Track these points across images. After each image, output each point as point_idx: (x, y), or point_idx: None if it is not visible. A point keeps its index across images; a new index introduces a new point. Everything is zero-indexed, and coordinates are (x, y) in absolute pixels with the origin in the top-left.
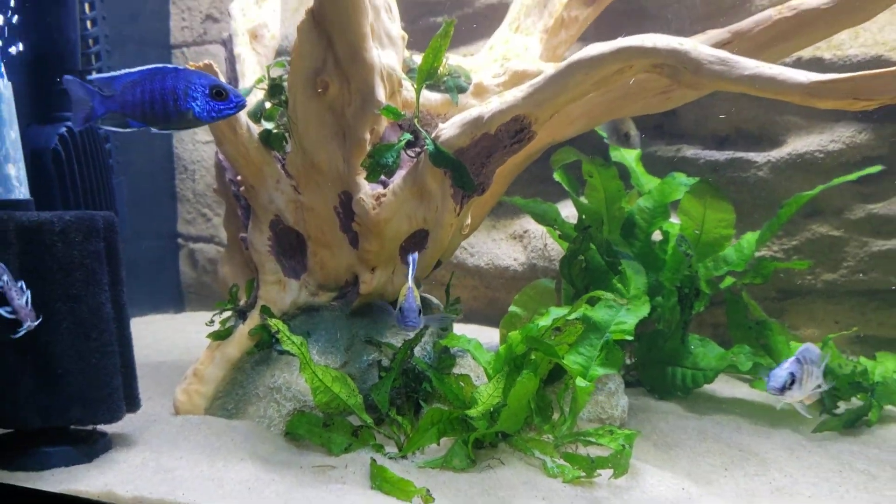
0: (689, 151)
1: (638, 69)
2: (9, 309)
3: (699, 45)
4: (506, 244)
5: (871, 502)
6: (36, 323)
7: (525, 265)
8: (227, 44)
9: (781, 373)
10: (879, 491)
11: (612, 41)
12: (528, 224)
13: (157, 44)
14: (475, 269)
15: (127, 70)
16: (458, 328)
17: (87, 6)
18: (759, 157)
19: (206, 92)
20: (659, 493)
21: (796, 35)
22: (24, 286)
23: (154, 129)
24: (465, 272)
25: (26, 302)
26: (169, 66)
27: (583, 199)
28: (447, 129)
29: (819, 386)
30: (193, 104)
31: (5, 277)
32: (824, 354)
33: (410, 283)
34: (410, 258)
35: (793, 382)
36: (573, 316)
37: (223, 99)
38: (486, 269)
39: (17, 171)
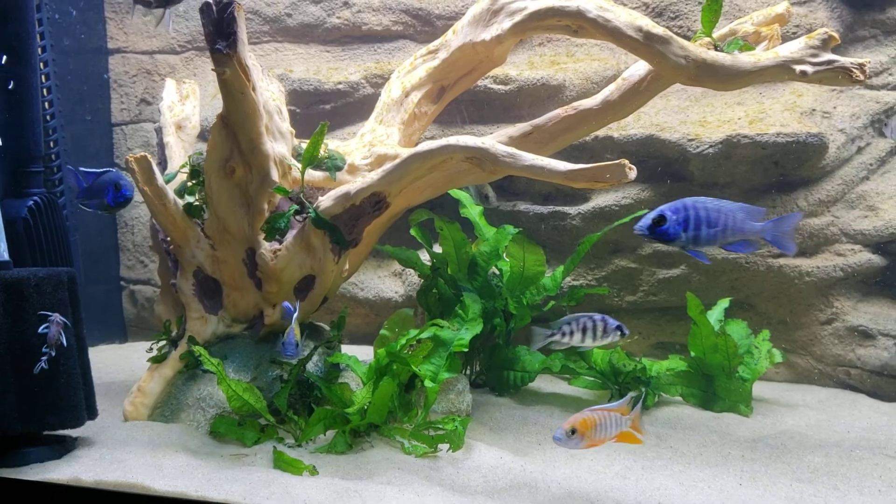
0: (523, 206)
1: (457, 159)
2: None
3: (496, 144)
4: (388, 280)
5: (633, 460)
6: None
7: (404, 296)
8: (158, 133)
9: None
10: (643, 454)
11: (439, 140)
12: None
13: (101, 122)
14: (365, 300)
15: (94, 169)
16: (352, 349)
17: (46, 104)
18: (572, 209)
19: (113, 188)
20: (484, 461)
21: (578, 127)
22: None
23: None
24: (357, 303)
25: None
26: (110, 169)
27: (437, 248)
28: (325, 201)
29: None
30: (106, 196)
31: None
32: None
33: (293, 324)
34: (295, 306)
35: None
36: (424, 335)
37: (118, 191)
38: (373, 300)
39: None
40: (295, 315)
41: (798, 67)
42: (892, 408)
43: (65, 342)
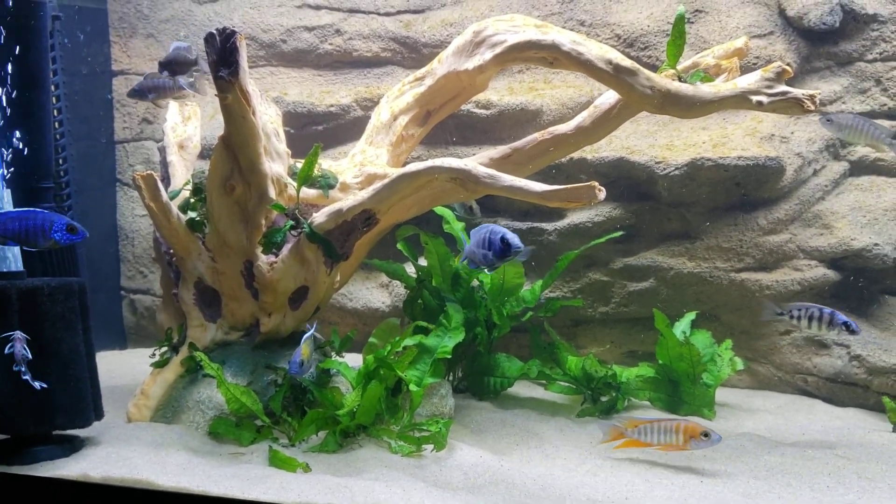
0: (503, 222)
1: (442, 180)
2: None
3: (478, 166)
4: (376, 291)
5: (603, 460)
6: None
7: (390, 307)
8: (162, 152)
9: None
10: (612, 454)
11: (426, 162)
12: None
13: (104, 140)
14: (353, 310)
15: (7, 210)
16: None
17: (56, 124)
18: (549, 226)
19: (64, 228)
20: (465, 460)
21: (553, 150)
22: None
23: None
24: (346, 313)
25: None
26: (38, 210)
27: (422, 261)
28: (319, 217)
29: None
30: (56, 235)
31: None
32: None
33: (302, 344)
34: (311, 328)
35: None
36: (410, 343)
37: (75, 233)
38: (362, 310)
39: (14, 252)
40: (306, 336)
41: (755, 98)
42: (846, 412)
43: (29, 355)
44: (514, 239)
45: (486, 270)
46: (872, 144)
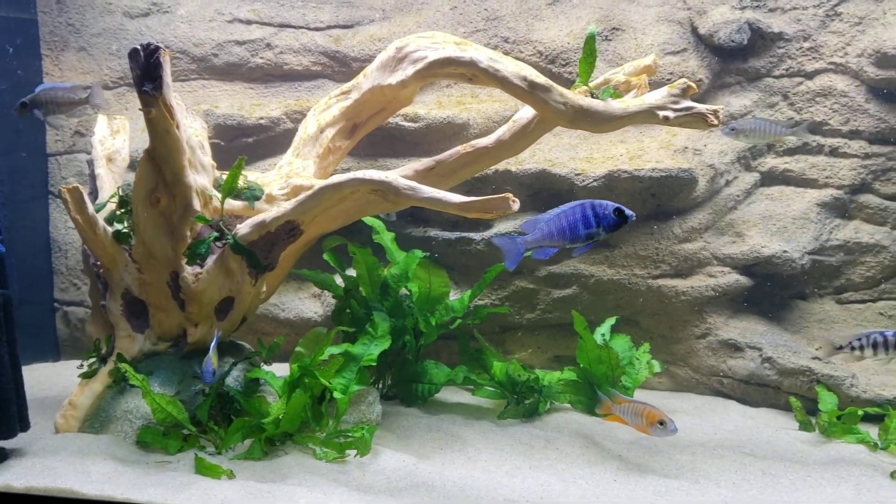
0: (432, 232)
1: (364, 191)
2: None
3: (399, 178)
4: (308, 301)
5: (523, 461)
6: None
7: (323, 316)
8: (90, 165)
9: None
10: (532, 455)
11: (348, 174)
12: None
13: (37, 153)
14: (286, 320)
15: None
16: (274, 367)
17: None
18: (476, 235)
19: None
20: (388, 464)
21: (476, 163)
22: None
23: None
24: (279, 323)
25: None
26: None
27: (350, 271)
28: (243, 228)
29: None
30: None
31: None
32: None
33: (210, 352)
34: (215, 333)
35: None
36: (336, 351)
37: None
38: (294, 320)
39: None
40: (213, 343)
41: (661, 113)
42: (758, 412)
43: None
44: (626, 209)
45: (574, 253)
46: (776, 140)
